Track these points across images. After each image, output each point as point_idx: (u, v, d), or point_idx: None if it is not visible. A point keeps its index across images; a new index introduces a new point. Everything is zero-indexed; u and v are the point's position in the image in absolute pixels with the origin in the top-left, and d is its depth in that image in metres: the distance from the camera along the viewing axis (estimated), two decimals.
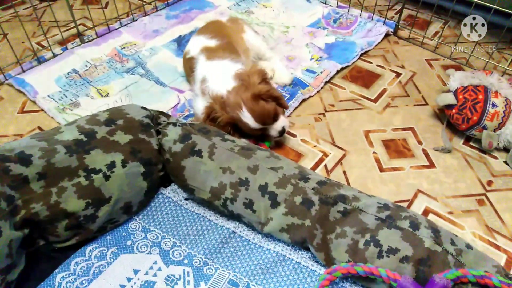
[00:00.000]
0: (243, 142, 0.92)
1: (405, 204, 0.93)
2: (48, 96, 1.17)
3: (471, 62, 1.38)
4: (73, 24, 1.42)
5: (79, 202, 0.77)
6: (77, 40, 1.40)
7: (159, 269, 0.79)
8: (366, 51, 1.42)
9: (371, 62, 1.38)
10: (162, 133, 0.91)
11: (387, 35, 1.50)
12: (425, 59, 1.41)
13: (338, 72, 1.32)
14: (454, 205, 0.94)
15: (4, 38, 1.43)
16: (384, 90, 1.26)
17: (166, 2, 1.62)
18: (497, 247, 0.87)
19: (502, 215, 0.93)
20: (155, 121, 0.95)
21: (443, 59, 1.41)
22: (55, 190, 0.76)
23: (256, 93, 0.98)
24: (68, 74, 1.25)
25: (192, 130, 0.90)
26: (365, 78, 1.31)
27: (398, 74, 1.33)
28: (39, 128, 1.10)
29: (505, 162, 1.05)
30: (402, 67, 1.37)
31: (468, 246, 0.77)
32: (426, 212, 0.93)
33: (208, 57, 1.10)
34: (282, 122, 1.02)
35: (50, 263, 0.79)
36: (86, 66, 1.29)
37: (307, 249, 0.82)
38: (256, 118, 0.98)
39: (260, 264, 0.80)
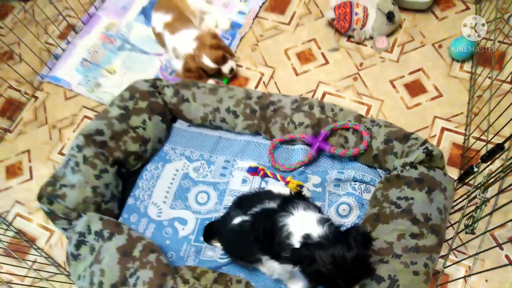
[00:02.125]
0: (209, 84, 1.55)
1: (311, 94, 1.60)
2: (78, 83, 1.75)
3: None
4: (60, 17, 1.90)
5: (135, 145, 1.45)
6: (72, 32, 1.91)
7: (188, 166, 1.50)
8: None
9: None
10: (162, 93, 1.54)
11: None
12: None
13: (260, 7, 1.84)
14: (339, 85, 1.61)
15: (19, 45, 1.94)
16: (294, 13, 1.81)
17: None
18: (363, 103, 1.55)
19: (367, 84, 1.59)
20: (155, 85, 1.56)
21: None
22: (121, 143, 1.43)
23: (209, 46, 1.57)
24: (81, 63, 1.81)
25: (178, 88, 1.52)
26: (280, 6, 1.84)
27: None
28: (84, 106, 1.71)
29: (371, 47, 1.67)
30: None
31: (341, 109, 1.45)
32: (324, 94, 1.59)
33: (171, 31, 1.65)
34: (230, 63, 1.63)
35: (132, 178, 1.51)
36: (90, 53, 1.83)
37: (260, 135, 1.51)
38: (212, 60, 1.59)
39: (238, 148, 1.51)
